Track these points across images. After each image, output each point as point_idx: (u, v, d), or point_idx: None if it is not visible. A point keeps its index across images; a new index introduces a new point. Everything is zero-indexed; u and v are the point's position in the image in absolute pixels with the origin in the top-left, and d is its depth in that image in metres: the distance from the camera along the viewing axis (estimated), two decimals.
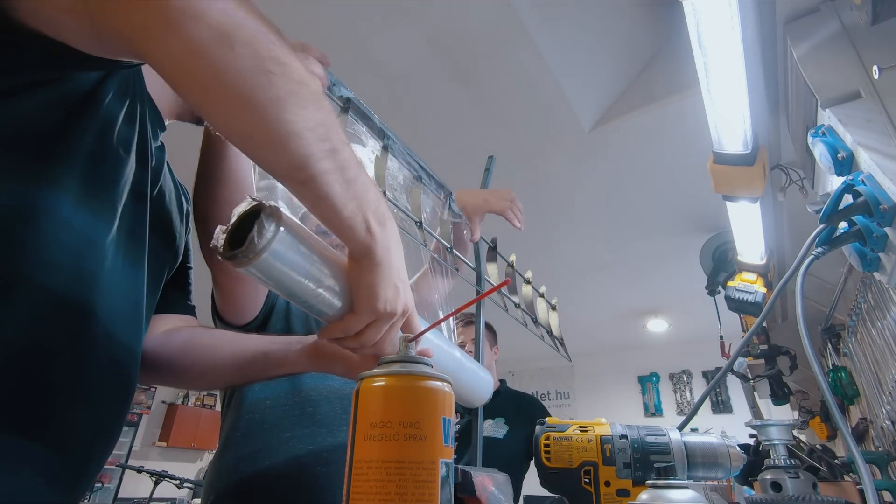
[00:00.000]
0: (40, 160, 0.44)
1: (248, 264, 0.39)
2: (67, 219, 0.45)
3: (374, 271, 0.45)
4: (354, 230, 0.43)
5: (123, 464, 4.87)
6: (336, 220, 0.42)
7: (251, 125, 0.37)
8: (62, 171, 0.45)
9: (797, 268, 0.70)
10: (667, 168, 2.74)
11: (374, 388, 0.39)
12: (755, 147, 1.14)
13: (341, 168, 0.41)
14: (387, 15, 1.93)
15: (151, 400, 6.84)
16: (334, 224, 0.43)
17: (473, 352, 0.80)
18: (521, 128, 2.53)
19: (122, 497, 6.00)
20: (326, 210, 0.41)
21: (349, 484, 0.37)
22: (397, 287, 0.47)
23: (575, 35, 2.08)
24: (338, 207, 0.41)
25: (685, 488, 0.50)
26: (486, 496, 0.51)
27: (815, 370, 0.61)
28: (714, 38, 0.89)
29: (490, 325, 2.07)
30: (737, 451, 0.62)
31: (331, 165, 0.40)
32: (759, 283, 1.61)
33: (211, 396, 7.51)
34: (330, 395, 1.06)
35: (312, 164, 0.39)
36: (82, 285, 0.47)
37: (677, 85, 2.23)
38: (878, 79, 0.78)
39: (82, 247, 0.47)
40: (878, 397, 1.40)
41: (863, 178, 0.70)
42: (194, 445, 6.94)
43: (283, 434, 0.99)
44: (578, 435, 0.63)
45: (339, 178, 0.41)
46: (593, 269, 4.09)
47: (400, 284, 0.48)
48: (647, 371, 6.25)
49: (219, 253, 0.41)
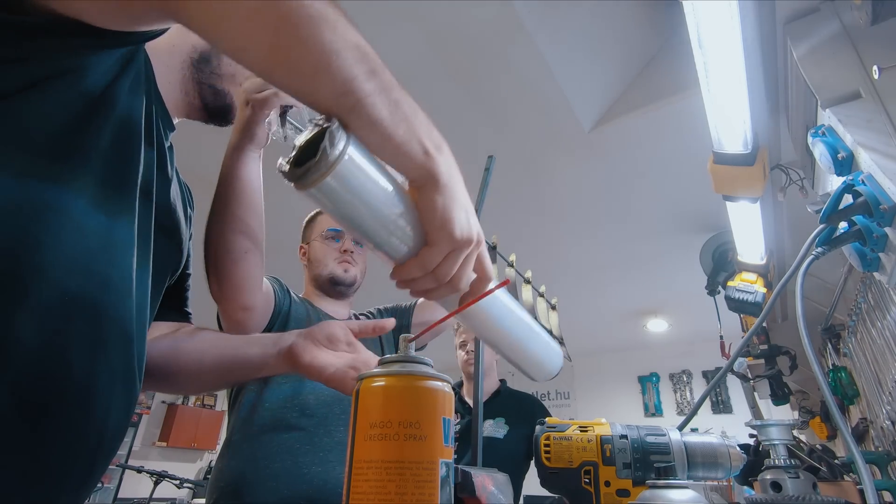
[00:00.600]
0: (57, 160, 0.44)
1: (319, 180, 0.36)
2: (83, 219, 0.45)
3: (444, 194, 0.42)
4: (411, 154, 0.40)
5: (123, 464, 4.87)
6: (389, 146, 0.40)
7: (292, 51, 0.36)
8: (79, 172, 0.45)
9: (797, 268, 0.70)
10: (667, 168, 2.74)
11: (373, 388, 0.39)
12: (755, 147, 1.15)
13: (385, 89, 0.39)
14: (387, 15, 1.93)
15: (151, 400, 6.84)
16: (388, 152, 0.40)
17: (474, 351, 0.80)
18: (521, 128, 2.53)
19: (122, 497, 6.00)
20: (378, 137, 0.39)
21: (349, 484, 0.37)
22: (468, 212, 0.44)
23: (575, 35, 2.08)
24: (389, 132, 0.39)
25: (685, 488, 0.50)
26: (486, 496, 0.51)
27: (815, 370, 0.61)
28: (714, 38, 0.89)
29: None
30: (737, 451, 0.62)
31: (374, 87, 0.38)
32: (759, 283, 1.61)
33: (211, 397, 7.51)
34: (329, 398, 1.06)
35: (357, 87, 0.37)
36: (98, 286, 0.47)
37: (677, 85, 2.23)
38: (878, 79, 0.78)
39: (98, 247, 0.47)
40: (878, 397, 1.40)
41: (863, 178, 0.70)
42: (194, 445, 6.94)
43: (281, 435, 0.99)
44: (578, 435, 0.63)
45: (385, 99, 0.39)
46: (593, 269, 4.09)
47: (470, 210, 0.45)
48: (647, 371, 6.25)
49: (285, 175, 0.38)
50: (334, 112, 0.38)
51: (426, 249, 0.43)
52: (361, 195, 0.39)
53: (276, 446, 0.99)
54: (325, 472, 0.97)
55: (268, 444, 0.99)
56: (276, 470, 0.96)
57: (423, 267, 0.43)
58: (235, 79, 0.73)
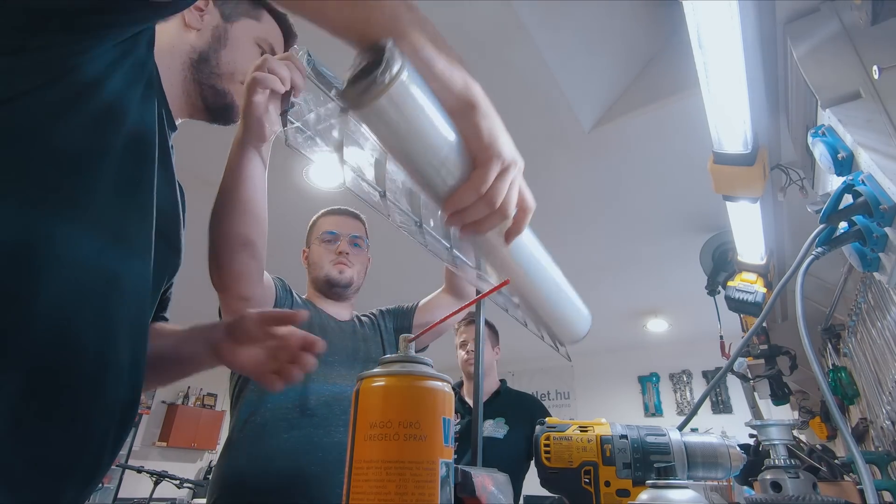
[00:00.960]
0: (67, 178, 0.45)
1: (379, 96, 0.37)
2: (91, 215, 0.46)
3: (487, 117, 0.44)
4: (453, 81, 0.42)
5: (123, 464, 4.87)
6: (433, 73, 0.41)
7: None
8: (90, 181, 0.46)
9: (797, 268, 0.70)
10: (667, 168, 2.74)
11: (374, 388, 0.39)
12: (755, 147, 1.14)
13: (422, 21, 0.42)
14: None
15: (151, 400, 6.84)
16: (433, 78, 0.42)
17: (474, 351, 0.80)
18: (521, 128, 2.53)
19: (122, 497, 6.00)
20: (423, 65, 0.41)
21: (349, 484, 0.37)
22: (509, 137, 0.46)
23: (575, 35, 2.08)
24: (433, 60, 0.41)
25: (685, 488, 0.50)
26: (486, 496, 0.51)
27: (815, 370, 0.61)
28: (714, 38, 0.89)
29: (492, 325, 2.08)
30: (737, 451, 0.62)
31: (414, 18, 0.41)
32: (759, 283, 1.61)
33: (211, 396, 7.51)
34: (329, 399, 1.07)
35: (403, 14, 0.40)
36: (107, 285, 0.48)
37: (677, 85, 2.23)
38: (878, 79, 0.78)
39: (107, 245, 0.48)
40: (878, 397, 1.39)
41: (863, 178, 0.70)
42: (194, 445, 6.94)
43: (281, 435, 1.00)
44: (578, 435, 0.63)
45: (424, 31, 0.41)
46: (593, 269, 4.09)
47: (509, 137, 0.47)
48: (647, 371, 6.24)
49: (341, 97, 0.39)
50: (384, 38, 0.39)
51: (477, 172, 0.44)
52: (416, 118, 0.40)
53: (277, 446, 0.99)
54: (325, 472, 0.97)
55: (268, 444, 1.00)
56: (276, 470, 0.96)
57: (475, 189, 0.44)
58: (235, 77, 0.73)
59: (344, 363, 1.15)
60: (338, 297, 1.28)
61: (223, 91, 0.73)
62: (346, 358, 1.16)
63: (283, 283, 1.19)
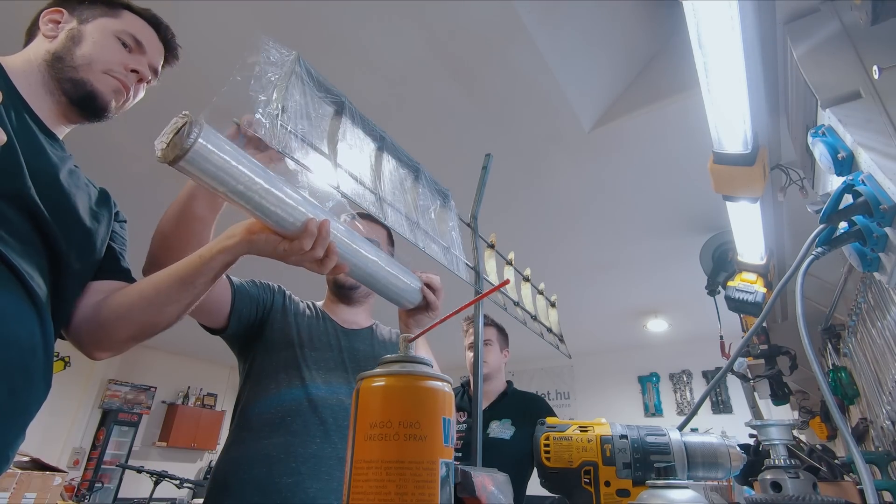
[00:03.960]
0: None
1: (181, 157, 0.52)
2: None
3: None
4: None
5: (123, 464, 4.87)
6: None
7: None
8: None
9: (797, 268, 0.70)
10: (667, 168, 2.74)
11: (373, 388, 0.39)
12: (755, 147, 1.14)
13: None
14: (387, 15, 1.93)
15: (151, 400, 6.84)
16: None
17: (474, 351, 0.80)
18: (521, 128, 2.53)
19: (122, 497, 6.00)
20: None
21: (349, 484, 0.37)
22: None
23: (575, 35, 2.08)
24: None
25: (685, 488, 0.50)
26: (486, 496, 0.51)
27: (815, 370, 0.61)
28: (714, 38, 0.89)
29: (502, 328, 2.07)
30: (737, 451, 0.62)
31: None
32: (759, 283, 1.61)
33: (210, 396, 7.51)
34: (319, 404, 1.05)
35: None
36: None
37: (677, 85, 2.23)
38: (878, 79, 0.78)
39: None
40: (878, 397, 1.39)
41: (863, 178, 0.70)
42: (194, 445, 6.95)
43: (262, 441, 1.00)
44: (578, 435, 0.63)
45: None
46: (593, 269, 4.09)
47: None
48: (647, 371, 6.25)
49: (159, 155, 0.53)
50: None
51: None
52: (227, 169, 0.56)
53: (255, 453, 0.99)
54: (295, 483, 0.96)
55: (249, 449, 1.00)
56: (251, 478, 0.96)
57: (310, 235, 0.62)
58: (93, 66, 0.77)
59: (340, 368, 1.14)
60: (349, 300, 1.27)
61: (81, 80, 0.76)
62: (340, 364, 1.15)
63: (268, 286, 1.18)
